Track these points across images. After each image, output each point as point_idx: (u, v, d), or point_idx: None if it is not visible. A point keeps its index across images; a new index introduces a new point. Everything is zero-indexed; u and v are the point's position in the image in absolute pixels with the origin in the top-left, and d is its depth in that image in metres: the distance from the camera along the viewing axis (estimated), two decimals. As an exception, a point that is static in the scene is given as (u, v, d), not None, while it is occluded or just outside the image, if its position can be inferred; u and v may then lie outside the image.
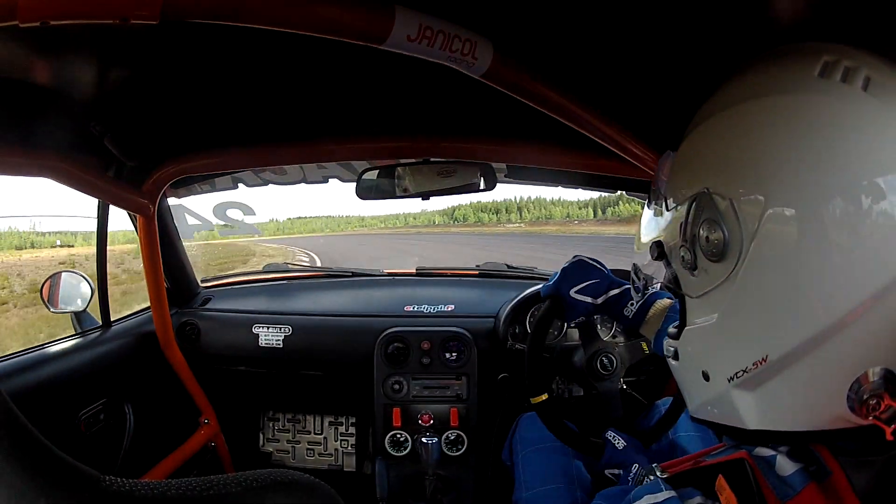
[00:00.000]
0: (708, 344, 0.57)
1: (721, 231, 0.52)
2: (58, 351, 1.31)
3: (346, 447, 1.97)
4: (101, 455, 1.35)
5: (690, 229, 0.55)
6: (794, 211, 0.47)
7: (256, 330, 1.68)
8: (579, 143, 1.10)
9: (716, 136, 0.56)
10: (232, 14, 0.57)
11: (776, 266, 0.49)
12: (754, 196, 0.49)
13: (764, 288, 0.50)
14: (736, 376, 0.53)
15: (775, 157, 0.49)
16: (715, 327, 0.55)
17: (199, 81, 0.98)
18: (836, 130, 0.46)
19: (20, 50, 0.76)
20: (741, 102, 0.53)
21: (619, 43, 0.81)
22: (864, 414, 0.47)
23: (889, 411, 0.46)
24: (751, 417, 0.54)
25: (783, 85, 0.51)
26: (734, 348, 0.53)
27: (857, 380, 0.47)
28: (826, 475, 0.50)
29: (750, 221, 0.50)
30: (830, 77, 0.47)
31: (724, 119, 0.55)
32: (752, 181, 0.50)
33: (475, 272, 2.04)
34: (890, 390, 0.46)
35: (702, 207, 0.54)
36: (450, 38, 0.69)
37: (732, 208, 0.51)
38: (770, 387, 0.52)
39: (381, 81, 1.00)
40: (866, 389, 0.47)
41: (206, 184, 1.70)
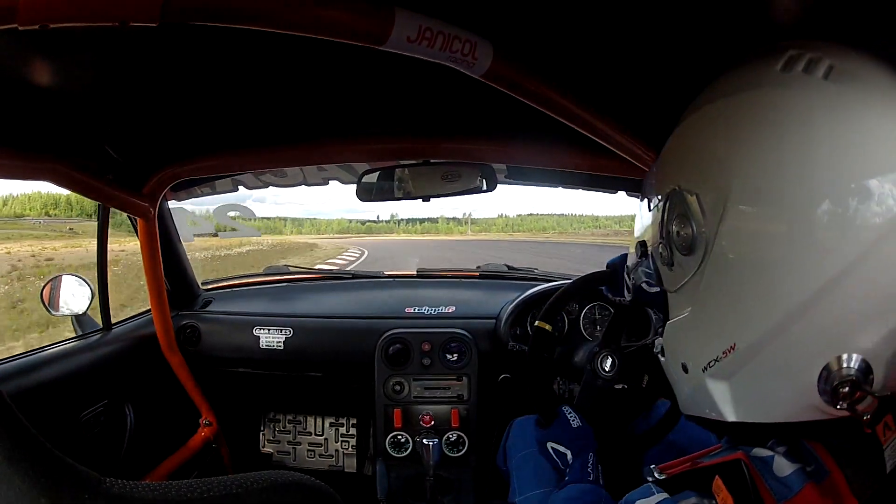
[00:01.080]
0: (684, 336, 0.60)
1: (690, 226, 0.54)
2: (58, 353, 1.31)
3: (346, 448, 1.97)
4: (101, 457, 1.35)
5: (665, 226, 0.58)
6: (753, 203, 0.49)
7: (257, 332, 1.68)
8: (579, 142, 1.10)
9: (686, 137, 0.59)
10: (231, 16, 0.57)
11: (738, 257, 0.50)
12: (717, 191, 0.51)
13: (729, 279, 0.52)
14: (709, 365, 0.55)
15: (736, 153, 0.50)
16: (689, 319, 0.58)
17: (198, 84, 0.98)
18: (793, 121, 0.47)
19: (20, 52, 0.77)
20: (709, 103, 0.56)
21: (619, 42, 0.81)
22: (835, 402, 0.47)
23: (865, 401, 0.46)
24: (728, 409, 0.55)
25: (746, 82, 0.52)
26: (706, 338, 0.55)
27: (825, 367, 0.47)
28: (824, 475, 0.50)
29: (713, 215, 0.51)
30: (792, 70, 0.48)
31: (695, 120, 0.57)
32: (715, 177, 0.52)
33: (476, 273, 2.05)
34: (861, 377, 0.46)
35: (674, 204, 0.56)
36: (449, 39, 0.69)
37: (699, 203, 0.53)
38: (742, 376, 0.53)
39: (380, 83, 1.00)
40: (836, 376, 0.47)
41: (207, 186, 1.70)
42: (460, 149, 1.31)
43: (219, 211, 2.50)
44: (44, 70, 0.85)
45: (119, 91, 0.98)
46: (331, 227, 53.52)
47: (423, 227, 57.35)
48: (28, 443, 0.36)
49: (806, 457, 0.52)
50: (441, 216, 53.23)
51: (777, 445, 0.54)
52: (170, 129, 1.23)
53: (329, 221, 57.56)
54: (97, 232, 1.48)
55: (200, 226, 1.88)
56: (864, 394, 0.46)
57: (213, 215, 2.34)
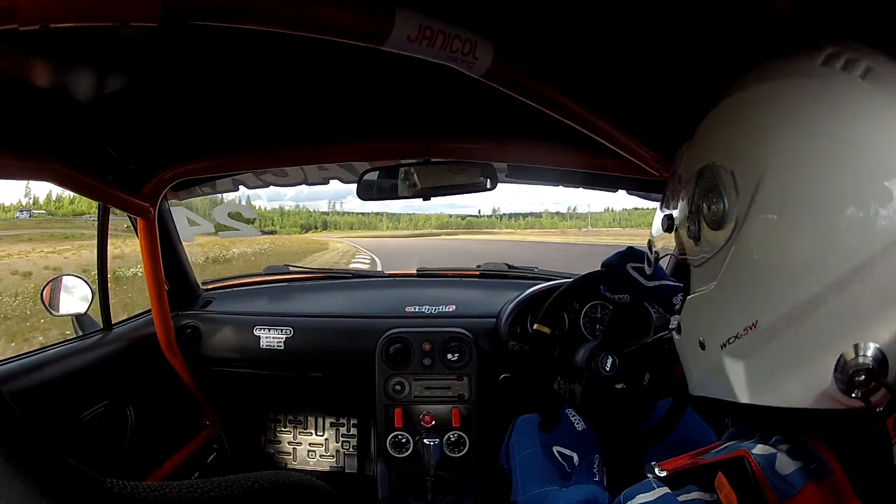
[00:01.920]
0: (705, 311, 0.60)
1: (721, 201, 0.55)
2: (59, 353, 1.31)
3: (347, 448, 1.97)
4: (102, 457, 1.35)
5: (696, 200, 0.60)
6: (785, 186, 0.50)
7: (258, 332, 1.68)
8: (580, 141, 1.10)
9: (723, 117, 0.60)
10: (231, 15, 0.57)
11: (768, 235, 0.52)
12: (752, 169, 0.53)
13: (756, 256, 0.53)
14: (728, 342, 0.56)
15: (774, 135, 0.52)
16: (712, 294, 0.58)
17: (198, 83, 0.98)
18: (831, 113, 0.50)
19: (20, 53, 0.77)
20: (749, 87, 0.57)
21: (619, 41, 0.81)
22: (850, 391, 0.47)
23: (879, 393, 0.46)
24: (741, 389, 0.56)
25: (788, 70, 0.54)
26: (728, 314, 0.56)
27: (842, 354, 0.48)
28: (826, 473, 0.50)
29: (747, 192, 0.53)
30: (832, 66, 0.51)
31: (733, 102, 0.59)
32: (752, 155, 0.53)
33: (476, 272, 2.04)
34: (877, 368, 0.47)
35: (707, 179, 0.58)
36: (450, 38, 0.69)
37: (733, 179, 0.54)
38: (759, 356, 0.54)
39: (381, 82, 1.00)
40: (852, 364, 0.47)
41: (207, 186, 1.70)
42: (461, 148, 1.31)
43: (219, 211, 2.51)
44: (44, 70, 0.85)
45: (119, 91, 0.98)
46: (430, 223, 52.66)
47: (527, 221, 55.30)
48: (29, 443, 0.36)
49: (808, 455, 0.52)
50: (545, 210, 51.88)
51: (780, 443, 0.54)
52: (170, 129, 1.23)
53: (427, 216, 56.38)
54: (97, 232, 1.48)
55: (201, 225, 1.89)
56: (879, 385, 0.46)
57: (213, 215, 2.36)
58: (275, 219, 52.85)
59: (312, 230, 53.12)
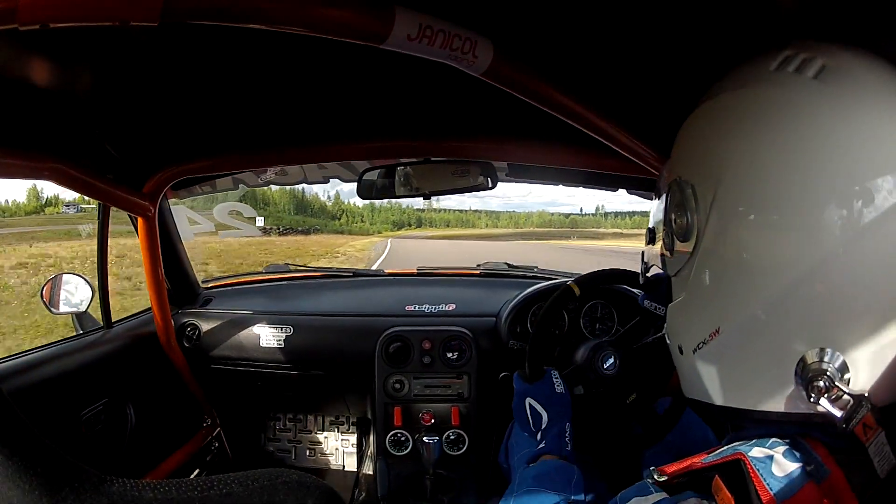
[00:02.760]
0: (680, 318, 0.63)
1: (686, 215, 0.57)
2: (59, 351, 1.31)
3: (346, 447, 1.97)
4: (102, 455, 1.35)
5: (666, 214, 0.62)
6: (739, 195, 0.52)
7: (258, 330, 1.68)
8: (580, 141, 1.10)
9: (688, 131, 0.61)
10: (231, 15, 0.57)
11: (724, 245, 0.53)
12: (709, 182, 0.54)
13: (715, 265, 0.55)
14: (698, 347, 0.58)
15: (725, 147, 0.53)
16: (684, 303, 0.61)
17: (199, 83, 0.98)
18: (781, 116, 0.49)
19: (20, 52, 0.77)
20: (709, 100, 0.58)
21: (619, 40, 0.81)
22: (809, 396, 0.48)
23: (842, 400, 0.47)
24: (716, 393, 0.58)
25: (742, 80, 0.55)
26: (696, 321, 0.58)
27: (802, 358, 0.49)
28: (824, 475, 0.49)
29: (705, 205, 0.55)
30: (785, 69, 0.51)
31: (696, 116, 0.60)
32: (707, 168, 0.55)
33: (476, 271, 2.05)
34: (838, 373, 0.48)
35: (674, 193, 0.60)
36: (450, 37, 0.69)
37: (693, 192, 0.56)
38: (728, 361, 0.55)
39: (381, 81, 1.00)
40: (810, 369, 0.48)
41: (207, 185, 1.70)
42: (461, 147, 1.31)
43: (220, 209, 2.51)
44: (44, 69, 0.85)
45: (119, 90, 0.98)
46: (531, 221, 51.47)
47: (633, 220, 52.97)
48: (29, 441, 0.36)
49: (806, 456, 0.52)
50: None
51: (777, 445, 0.54)
52: (170, 128, 1.23)
53: (528, 214, 54.96)
54: (97, 231, 1.48)
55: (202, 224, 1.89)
56: (840, 391, 0.47)
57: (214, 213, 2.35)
58: (364, 215, 51.41)
59: (405, 227, 51.62)
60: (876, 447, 0.46)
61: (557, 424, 0.97)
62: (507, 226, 48.38)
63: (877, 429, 0.46)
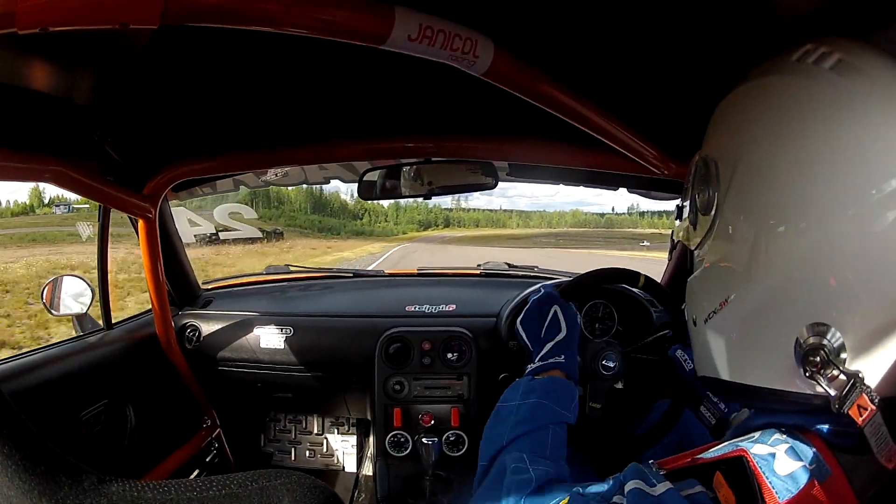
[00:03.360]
0: (697, 289, 0.66)
1: (708, 189, 0.61)
2: (59, 353, 1.31)
3: (346, 447, 1.97)
4: (102, 456, 1.35)
5: (693, 190, 0.65)
6: (756, 167, 0.55)
7: (258, 331, 1.68)
8: (581, 139, 1.10)
9: (718, 114, 0.66)
10: (232, 17, 0.57)
11: (739, 218, 0.57)
12: (730, 159, 0.58)
13: (730, 237, 0.58)
14: (709, 317, 0.61)
15: (746, 129, 0.57)
16: (701, 274, 0.65)
17: (199, 84, 0.99)
18: (796, 104, 0.53)
19: (21, 54, 0.77)
20: (740, 85, 0.62)
21: (619, 40, 0.81)
22: (805, 371, 0.50)
23: (837, 381, 0.48)
24: (723, 367, 0.60)
25: (767, 69, 0.59)
26: (709, 291, 0.62)
27: (800, 332, 0.51)
28: (826, 474, 0.50)
29: (725, 180, 0.58)
30: (805, 61, 0.54)
31: (728, 100, 0.64)
32: (730, 147, 0.59)
33: (476, 272, 2.04)
34: (833, 352, 0.49)
35: (699, 170, 0.64)
36: (450, 37, 0.69)
37: (716, 168, 0.60)
38: (735, 333, 0.58)
39: (382, 82, 1.00)
40: (807, 344, 0.50)
41: (208, 186, 1.70)
42: (462, 147, 1.31)
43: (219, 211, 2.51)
44: (44, 73, 0.85)
45: (120, 92, 0.98)
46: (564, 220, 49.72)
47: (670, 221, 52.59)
48: (29, 442, 0.36)
49: (808, 455, 0.52)
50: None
51: (779, 443, 0.54)
52: (170, 130, 1.24)
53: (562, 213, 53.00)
54: (98, 233, 1.48)
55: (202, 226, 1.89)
56: (835, 368, 0.48)
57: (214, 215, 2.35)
58: (389, 214, 49.17)
59: (433, 227, 48.85)
60: (872, 427, 0.47)
61: (572, 347, 0.97)
62: (540, 225, 46.30)
63: (872, 410, 0.46)
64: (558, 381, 0.91)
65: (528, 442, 0.81)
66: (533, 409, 0.85)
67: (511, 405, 0.88)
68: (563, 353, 0.96)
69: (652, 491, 0.55)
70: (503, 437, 0.82)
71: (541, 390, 0.88)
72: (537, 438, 0.81)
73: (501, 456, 0.80)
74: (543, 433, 0.82)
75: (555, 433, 0.83)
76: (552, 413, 0.85)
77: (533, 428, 0.82)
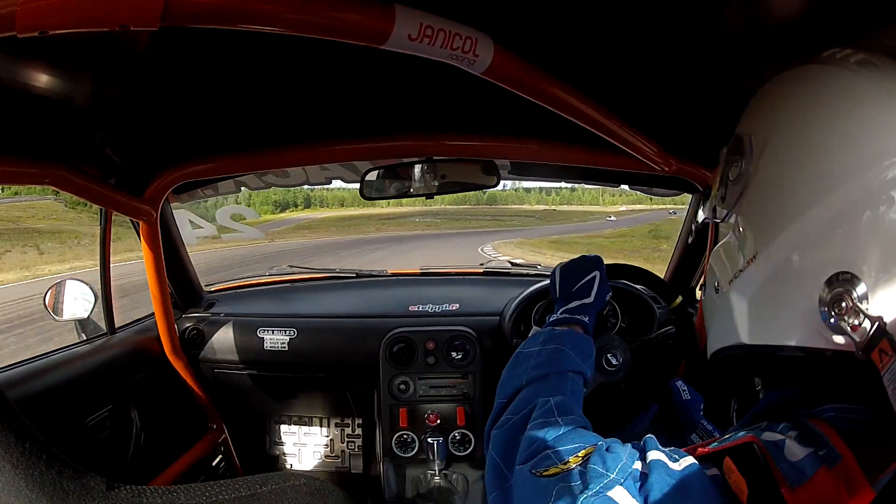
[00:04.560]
0: (722, 255, 0.70)
1: (740, 161, 0.65)
2: (63, 358, 1.31)
3: (352, 449, 1.97)
4: (108, 461, 1.35)
5: (724, 168, 0.69)
6: (786, 140, 0.61)
7: (261, 333, 1.68)
8: (581, 137, 1.09)
9: (754, 99, 0.70)
10: (232, 18, 0.56)
11: (768, 184, 0.62)
12: (762, 133, 0.64)
13: (759, 201, 0.63)
14: (735, 277, 0.65)
15: (779, 106, 0.64)
16: (729, 239, 0.69)
17: (199, 85, 0.98)
18: (824, 88, 0.60)
19: (21, 58, 0.76)
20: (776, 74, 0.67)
21: (620, 37, 0.81)
22: (830, 316, 0.51)
23: (861, 330, 0.49)
24: (744, 329, 0.62)
25: (797, 64, 0.64)
26: (736, 253, 0.66)
27: (826, 280, 0.53)
28: (836, 459, 0.49)
29: (758, 152, 0.64)
30: (833, 56, 0.61)
31: (758, 93, 0.70)
32: (762, 123, 0.65)
33: (479, 270, 2.04)
34: (859, 299, 0.50)
35: (734, 145, 0.68)
36: (450, 36, 0.69)
37: (749, 142, 0.65)
38: (760, 292, 0.61)
39: (382, 81, 1.00)
40: (833, 290, 0.52)
41: (209, 188, 1.70)
42: (463, 146, 1.31)
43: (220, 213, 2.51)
44: (45, 76, 0.85)
45: (120, 95, 0.98)
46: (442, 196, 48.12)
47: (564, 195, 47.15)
48: (36, 449, 0.35)
49: (818, 441, 0.52)
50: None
51: (788, 430, 0.54)
52: (171, 132, 1.23)
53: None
54: (99, 236, 1.48)
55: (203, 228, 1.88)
56: (860, 313, 0.49)
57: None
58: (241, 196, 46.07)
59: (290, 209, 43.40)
60: (891, 374, 0.46)
61: (593, 316, 0.98)
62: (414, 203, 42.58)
63: (893, 355, 0.47)
64: (579, 335, 0.92)
65: (546, 384, 0.81)
66: (552, 355, 0.85)
67: (531, 350, 0.88)
68: (586, 315, 0.97)
69: (675, 465, 0.54)
70: (522, 377, 0.83)
71: (561, 338, 0.89)
72: (556, 382, 0.81)
73: (521, 393, 0.80)
74: (562, 379, 0.82)
75: (573, 381, 0.83)
76: (571, 361, 0.85)
77: (552, 371, 0.83)
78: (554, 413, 0.70)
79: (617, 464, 0.55)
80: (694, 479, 0.53)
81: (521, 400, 0.78)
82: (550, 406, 0.71)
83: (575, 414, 0.71)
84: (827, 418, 0.53)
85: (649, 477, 0.53)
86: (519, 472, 0.64)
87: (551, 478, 0.58)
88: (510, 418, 0.75)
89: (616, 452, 0.58)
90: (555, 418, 0.69)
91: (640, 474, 0.54)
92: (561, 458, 0.60)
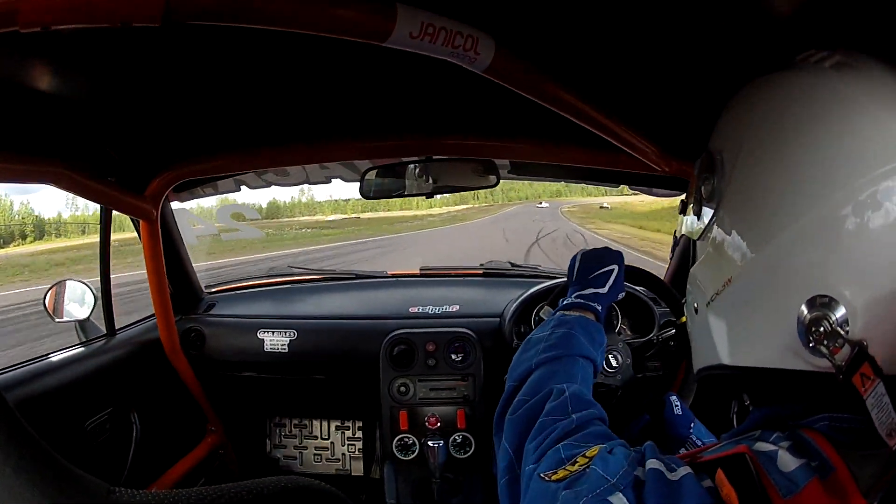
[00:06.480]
0: (700, 275, 0.68)
1: (713, 179, 0.64)
2: (63, 360, 1.30)
3: (353, 451, 1.96)
4: (107, 465, 1.34)
5: (697, 182, 0.68)
6: (757, 152, 0.58)
7: (261, 335, 1.67)
8: (582, 137, 1.09)
9: (726, 110, 0.68)
10: (233, 15, 0.56)
11: (741, 202, 0.60)
12: (735, 146, 0.62)
13: (733, 220, 0.61)
14: (712, 300, 0.63)
15: (749, 120, 0.61)
16: (705, 259, 0.67)
17: (199, 84, 0.98)
18: (797, 95, 0.56)
19: (21, 56, 0.76)
20: (746, 84, 0.65)
21: (621, 37, 0.81)
22: (808, 342, 0.50)
23: (842, 352, 0.47)
24: (724, 350, 0.61)
25: (769, 70, 0.62)
26: (712, 274, 0.64)
27: (804, 306, 0.51)
28: (829, 471, 0.49)
29: (728, 168, 0.62)
30: (808, 60, 0.57)
31: (729, 103, 0.67)
32: (733, 138, 0.63)
33: (479, 271, 2.04)
34: (839, 321, 0.48)
35: (704, 161, 0.67)
36: (452, 34, 0.68)
37: (720, 159, 0.64)
38: (736, 314, 0.60)
39: (383, 80, 0.99)
40: (811, 315, 0.50)
41: (209, 187, 1.69)
42: (464, 145, 1.31)
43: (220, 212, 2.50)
44: (45, 73, 0.84)
45: (120, 93, 0.97)
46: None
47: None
48: (35, 453, 0.35)
49: (810, 451, 0.51)
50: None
51: (780, 440, 0.54)
52: (171, 131, 1.23)
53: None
54: (99, 235, 1.47)
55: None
56: (839, 339, 0.48)
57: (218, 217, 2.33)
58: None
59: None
60: (874, 398, 0.45)
61: (606, 304, 0.97)
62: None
63: (875, 379, 0.45)
64: (590, 321, 0.92)
65: (558, 367, 0.81)
66: (562, 338, 0.86)
67: (541, 335, 0.88)
68: (599, 303, 0.96)
69: (672, 476, 0.54)
70: (532, 360, 0.83)
71: (572, 323, 0.89)
72: (566, 365, 0.81)
73: (533, 375, 0.81)
74: (573, 363, 0.82)
75: (584, 367, 0.83)
76: (581, 346, 0.85)
77: (562, 354, 0.83)
78: (568, 409, 0.70)
79: (618, 469, 0.55)
80: (689, 490, 0.52)
81: (532, 382, 0.79)
82: (566, 399, 0.71)
83: (591, 407, 0.71)
84: (820, 428, 0.53)
85: (646, 486, 0.53)
86: (528, 474, 0.64)
87: (560, 482, 0.58)
88: (524, 400, 0.76)
89: (618, 457, 0.57)
90: (568, 415, 0.69)
91: (639, 482, 0.54)
92: (569, 460, 0.60)
